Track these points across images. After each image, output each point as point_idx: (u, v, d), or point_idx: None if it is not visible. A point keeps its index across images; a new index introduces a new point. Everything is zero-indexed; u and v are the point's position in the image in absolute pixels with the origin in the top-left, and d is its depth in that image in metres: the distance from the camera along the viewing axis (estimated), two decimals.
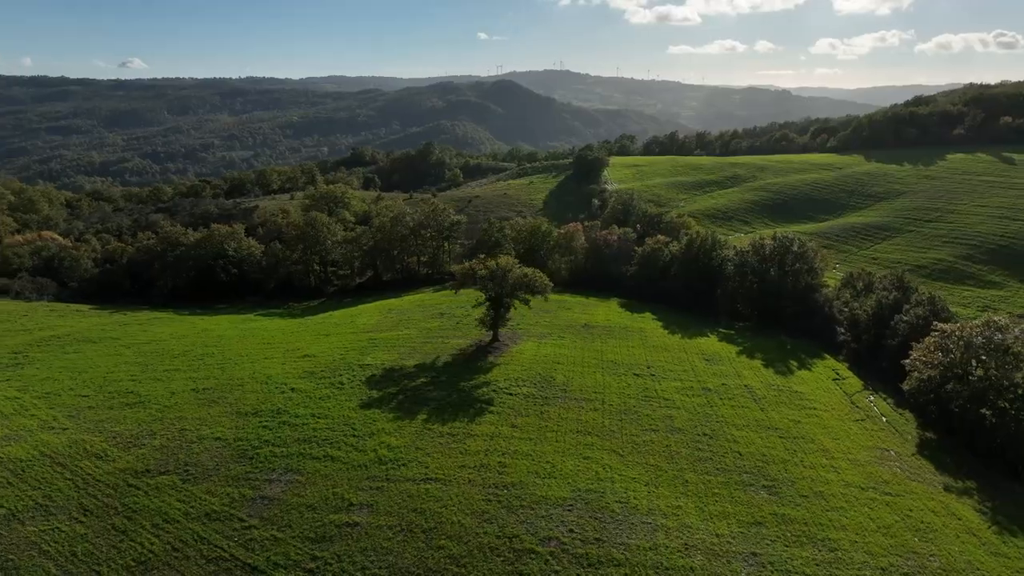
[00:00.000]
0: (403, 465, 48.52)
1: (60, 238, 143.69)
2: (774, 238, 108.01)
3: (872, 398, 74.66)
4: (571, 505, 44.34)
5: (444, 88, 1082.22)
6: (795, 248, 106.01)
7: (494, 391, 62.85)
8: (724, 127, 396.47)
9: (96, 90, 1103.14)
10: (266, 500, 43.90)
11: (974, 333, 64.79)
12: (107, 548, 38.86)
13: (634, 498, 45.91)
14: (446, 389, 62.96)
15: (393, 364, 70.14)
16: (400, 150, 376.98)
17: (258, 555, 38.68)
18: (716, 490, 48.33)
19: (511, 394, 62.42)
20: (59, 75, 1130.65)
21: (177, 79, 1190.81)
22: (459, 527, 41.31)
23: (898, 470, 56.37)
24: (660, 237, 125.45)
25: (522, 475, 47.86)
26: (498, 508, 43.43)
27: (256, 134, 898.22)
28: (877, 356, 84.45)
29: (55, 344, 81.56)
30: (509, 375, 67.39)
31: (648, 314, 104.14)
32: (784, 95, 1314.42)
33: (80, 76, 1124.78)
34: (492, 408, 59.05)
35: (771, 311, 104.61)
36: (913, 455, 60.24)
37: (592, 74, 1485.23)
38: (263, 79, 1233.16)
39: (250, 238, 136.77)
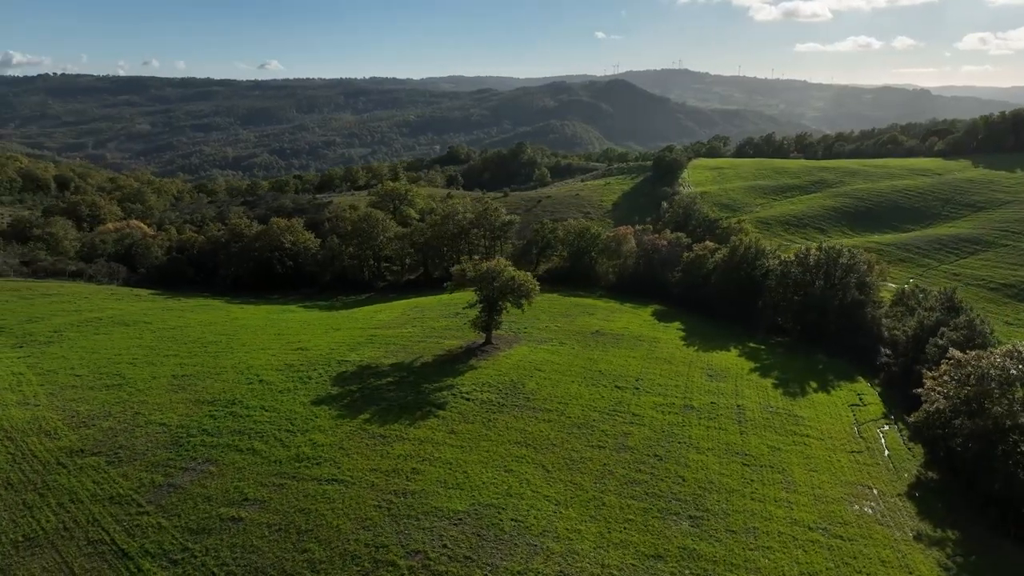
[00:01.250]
0: (317, 464, 48.74)
1: (145, 227, 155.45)
2: (820, 248, 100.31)
3: (886, 428, 67.79)
4: (461, 519, 42.92)
5: (556, 88, 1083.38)
6: (843, 260, 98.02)
7: (453, 395, 62.02)
8: (851, 129, 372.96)
9: (236, 90, 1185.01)
10: (171, 488, 45.34)
11: (990, 364, 57.27)
12: (7, 522, 41.41)
13: (533, 517, 43.84)
14: (407, 390, 62.74)
15: (372, 362, 70.72)
16: (494, 149, 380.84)
17: (136, 541, 39.98)
18: (631, 516, 45.33)
19: (468, 399, 61.37)
20: (205, 77, 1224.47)
21: (308, 79, 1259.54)
22: (334, 531, 40.95)
23: (869, 511, 50.80)
24: (708, 243, 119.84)
25: (429, 483, 46.86)
26: (384, 516, 42.71)
27: (374, 132, 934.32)
28: (909, 382, 76.58)
29: (92, 325, 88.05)
30: (479, 379, 66.32)
31: (677, 323, 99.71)
32: (922, 95, 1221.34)
33: (223, 77, 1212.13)
34: (440, 412, 58.28)
35: (813, 327, 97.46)
36: (899, 495, 54.08)
37: (712, 73, 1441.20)
38: (385, 79, 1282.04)
39: (310, 232, 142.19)
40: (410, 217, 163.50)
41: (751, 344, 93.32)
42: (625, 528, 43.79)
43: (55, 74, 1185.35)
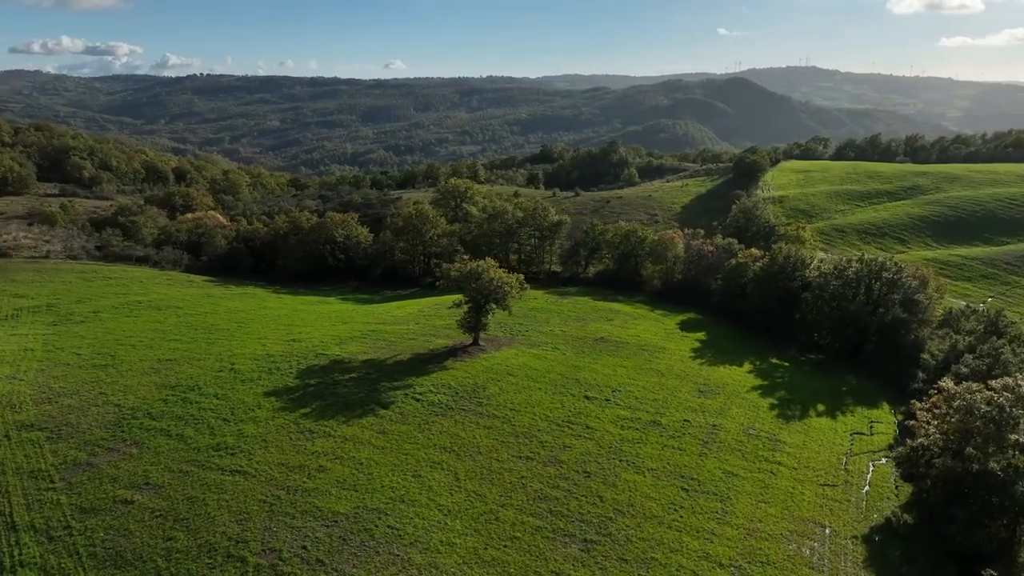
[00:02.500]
0: (231, 454, 49.81)
1: (220, 217, 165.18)
2: (861, 260, 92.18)
3: (883, 462, 61.29)
4: (337, 521, 42.55)
5: (671, 86, 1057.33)
6: (887, 274, 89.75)
7: (405, 395, 61.71)
8: (991, 130, 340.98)
9: (359, 89, 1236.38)
10: (88, 467, 47.71)
11: (983, 398, 50.40)
12: None
13: (412, 526, 42.79)
14: (362, 387, 63.01)
15: (349, 356, 71.57)
16: (586, 148, 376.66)
17: (29, 515, 42.31)
18: (519, 534, 43.31)
19: (418, 400, 60.87)
20: (332, 76, 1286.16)
21: (426, 78, 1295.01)
22: (208, 522, 41.68)
23: (806, 552, 46.10)
24: (752, 251, 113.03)
25: (327, 482, 46.80)
26: (262, 511, 43.03)
27: (486, 130, 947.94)
28: None
29: (128, 308, 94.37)
30: (442, 380, 65.62)
31: (702, 334, 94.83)
32: None
33: (348, 77, 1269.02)
34: (381, 411, 58.13)
35: (850, 345, 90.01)
36: (853, 538, 48.73)
37: (842, 70, 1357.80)
38: (500, 78, 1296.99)
39: (364, 227, 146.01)
40: (471, 215, 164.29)
41: (773, 360, 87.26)
42: (505, 546, 41.91)
43: (202, 75, 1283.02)
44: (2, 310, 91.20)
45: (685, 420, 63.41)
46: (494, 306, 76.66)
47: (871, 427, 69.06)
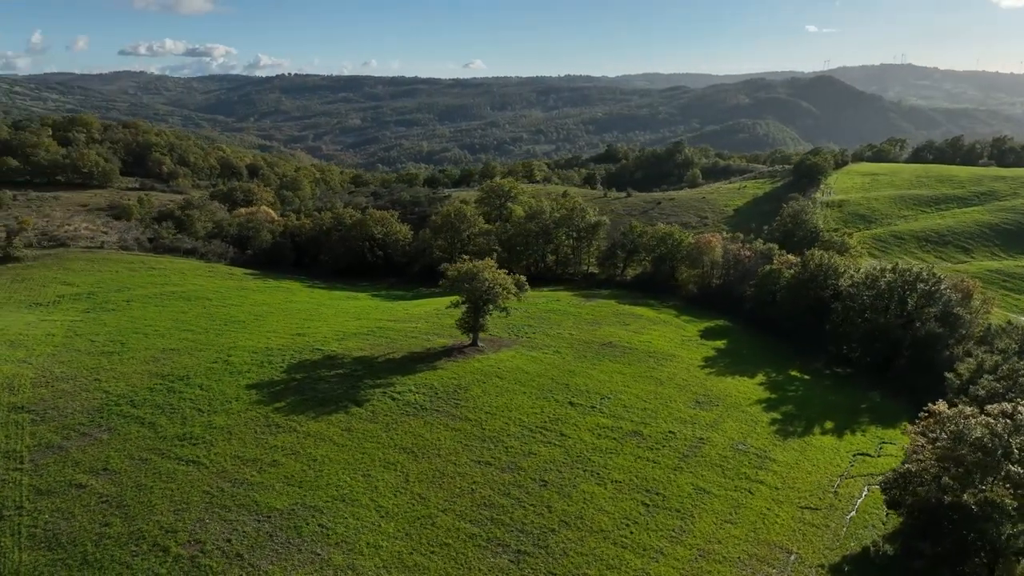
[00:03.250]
0: (193, 444, 51.07)
1: (272, 212, 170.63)
2: (894, 269, 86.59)
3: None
4: (270, 517, 42.95)
5: (753, 85, 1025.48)
6: (923, 285, 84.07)
7: (383, 393, 61.86)
8: None
9: (438, 88, 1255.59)
10: (59, 450, 49.88)
11: (977, 423, 46.23)
12: None
13: (343, 526, 42.72)
14: (344, 384, 63.50)
15: (343, 352, 72.33)
16: (651, 148, 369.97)
17: None
18: (450, 541, 42.58)
19: (394, 399, 60.90)
20: (413, 75, 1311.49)
21: (505, 77, 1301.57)
22: (147, 510, 42.82)
23: None
24: (788, 257, 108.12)
25: (274, 477, 47.34)
26: (201, 502, 43.88)
27: (560, 129, 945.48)
28: None
29: (160, 298, 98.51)
30: (426, 380, 65.46)
31: (723, 342, 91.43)
32: None
33: (427, 76, 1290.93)
34: (353, 409, 58.43)
35: (880, 359, 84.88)
36: (820, 566, 45.68)
37: (941, 68, 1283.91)
38: (578, 77, 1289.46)
39: (405, 224, 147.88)
40: (514, 214, 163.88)
41: (793, 372, 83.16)
42: (431, 552, 41.30)
43: (289, 74, 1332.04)
44: (47, 296, 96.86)
45: (670, 432, 61.07)
46: (492, 307, 75.90)
47: (880, 448, 64.76)
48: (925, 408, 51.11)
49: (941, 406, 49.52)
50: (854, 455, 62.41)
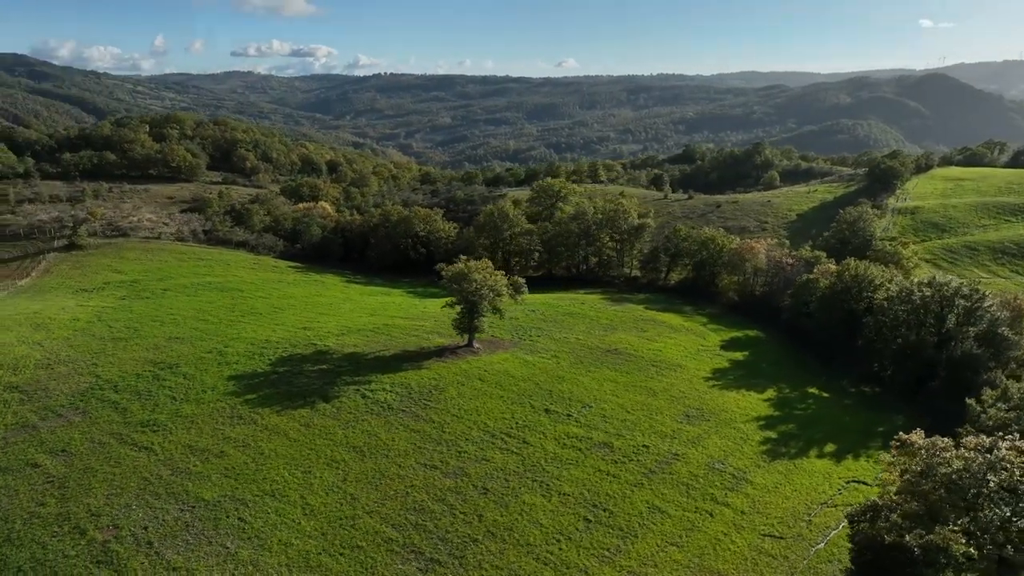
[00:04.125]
0: (154, 431, 52.84)
1: (328, 208, 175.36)
2: (931, 283, 79.85)
3: None
4: (194, 507, 43.84)
5: (856, 83, 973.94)
6: (963, 302, 77.26)
7: (356, 390, 62.21)
8: None
9: (528, 87, 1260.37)
10: (32, 429, 52.69)
11: (953, 456, 41.78)
12: None
13: (262, 521, 43.10)
14: (322, 380, 64.21)
15: (333, 348, 73.18)
16: (729, 149, 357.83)
17: None
18: (363, 544, 42.17)
19: (364, 397, 61.08)
20: (504, 75, 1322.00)
21: (596, 76, 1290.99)
22: (83, 492, 44.56)
23: None
24: (829, 266, 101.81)
25: (214, 468, 48.34)
26: (135, 488, 45.31)
27: (649, 128, 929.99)
28: None
29: (195, 288, 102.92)
30: (403, 380, 65.37)
31: (743, 354, 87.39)
32: None
33: (519, 75, 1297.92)
34: (320, 405, 59.00)
35: (910, 379, 78.71)
36: None
37: None
38: (671, 75, 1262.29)
39: (451, 223, 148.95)
40: (563, 214, 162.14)
41: (810, 389, 78.31)
42: (340, 554, 41.05)
43: (385, 74, 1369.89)
44: (95, 282, 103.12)
45: (644, 445, 58.55)
46: (485, 308, 75.09)
47: (880, 477, 59.78)
48: (897, 437, 46.70)
49: (916, 435, 45.07)
50: (847, 482, 57.97)
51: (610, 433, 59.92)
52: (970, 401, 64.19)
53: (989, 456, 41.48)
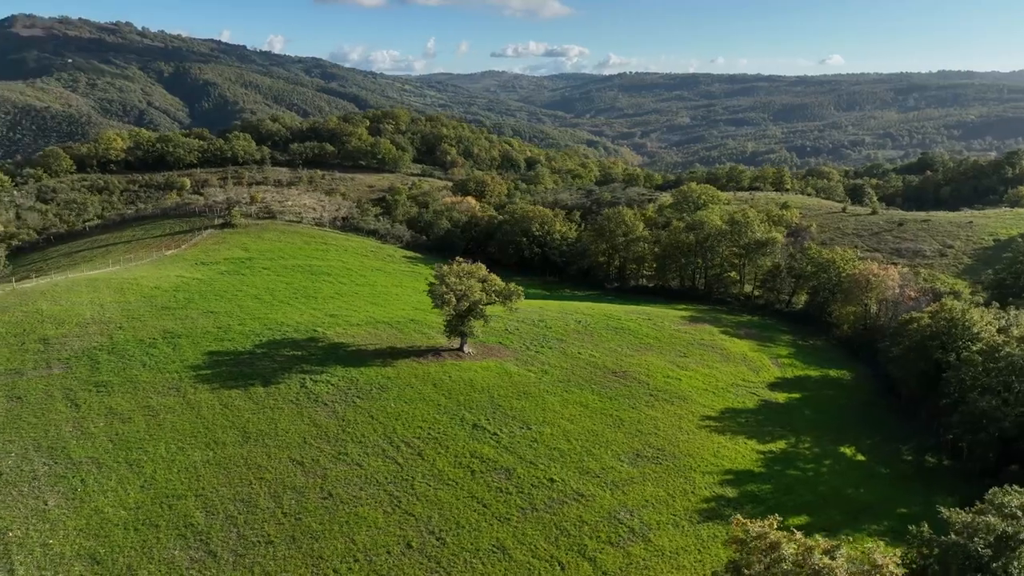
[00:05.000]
0: (97, 391, 58.88)
1: (474, 203, 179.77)
2: None
3: None
4: (56, 463, 48.49)
5: None
6: None
7: (304, 378, 63.95)
8: None
9: (779, 86, 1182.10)
10: (16, 375, 61.38)
11: (779, 555, 32.75)
12: None
13: (93, 487, 46.55)
14: (282, 365, 66.76)
15: (322, 336, 75.31)
16: (975, 158, 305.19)
17: None
18: (161, 523, 43.64)
19: (305, 386, 62.58)
20: (755, 72, 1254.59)
21: (858, 74, 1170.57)
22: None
23: None
24: (945, 302, 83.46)
25: (109, 432, 52.91)
26: (33, 435, 51.19)
27: (915, 133, 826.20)
28: None
29: (291, 269, 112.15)
30: (356, 375, 65.85)
31: (785, 396, 76.41)
32: None
33: (771, 73, 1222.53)
34: (253, 388, 61.56)
35: (985, 455, 62.74)
36: None
37: None
38: (954, 72, 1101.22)
39: (570, 224, 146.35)
40: (701, 221, 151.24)
41: (843, 448, 66.28)
42: (134, 529, 42.98)
43: (630, 73, 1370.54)
44: (217, 257, 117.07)
45: (550, 479, 53.40)
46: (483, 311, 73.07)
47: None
48: (735, 518, 37.52)
49: (753, 525, 35.83)
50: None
51: (523, 460, 55.39)
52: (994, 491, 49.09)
53: (826, 560, 32.15)
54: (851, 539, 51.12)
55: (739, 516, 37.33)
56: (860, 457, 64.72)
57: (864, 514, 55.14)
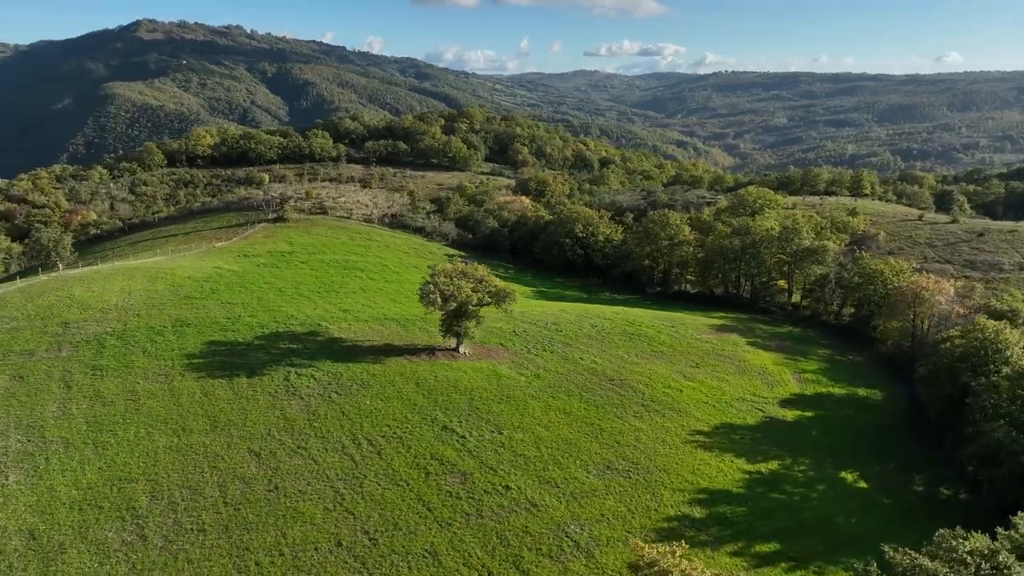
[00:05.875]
0: (93, 374, 61.84)
1: (527, 202, 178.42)
2: None
3: None
4: (30, 440, 51.20)
5: None
6: None
7: (289, 371, 65.17)
8: None
9: (886, 85, 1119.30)
10: (28, 355, 65.42)
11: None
12: None
13: (55, 466, 48.81)
14: (273, 357, 68.03)
15: (323, 331, 76.45)
16: None
17: None
18: (105, 504, 45.25)
19: (288, 379, 63.73)
20: (860, 71, 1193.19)
21: (979, 72, 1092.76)
22: None
23: None
24: (986, 322, 76.37)
25: (88, 413, 55.45)
26: (15, 414, 54.30)
27: None
28: None
29: (326, 263, 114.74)
30: (342, 371, 66.49)
31: (795, 414, 71.99)
32: None
33: (877, 72, 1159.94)
34: (237, 379, 63.12)
35: (1003, 491, 57.09)
36: None
37: None
38: None
39: (616, 226, 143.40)
40: (756, 227, 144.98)
41: (844, 474, 61.46)
42: (79, 509, 44.83)
43: (725, 72, 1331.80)
44: (260, 250, 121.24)
45: (506, 486, 52.24)
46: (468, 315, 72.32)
47: None
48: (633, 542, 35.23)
49: (652, 550, 33.50)
50: None
51: (483, 464, 54.39)
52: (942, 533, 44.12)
53: None
54: (820, 572, 47.79)
55: (638, 540, 35.12)
56: (862, 484, 59.95)
57: (847, 546, 50.98)
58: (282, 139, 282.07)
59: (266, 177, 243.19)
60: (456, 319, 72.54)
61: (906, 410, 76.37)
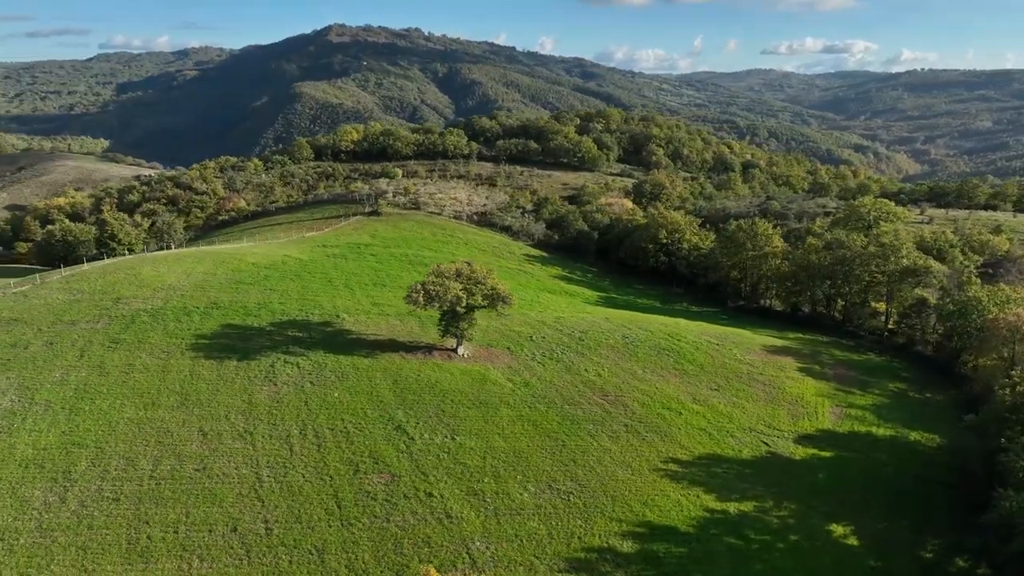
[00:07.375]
0: (109, 347, 67.53)
1: (628, 204, 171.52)
2: None
3: None
4: (19, 400, 56.94)
5: None
6: None
7: (276, 358, 67.54)
8: None
9: None
10: (71, 325, 72.84)
11: None
12: None
13: (26, 427, 53.85)
14: (271, 343, 70.59)
15: (338, 321, 78.25)
16: None
17: None
18: (36, 474, 49.36)
19: (275, 366, 66.04)
20: None
21: None
22: None
23: None
24: None
25: (80, 381, 60.66)
26: (17, 377, 60.59)
27: None
28: None
29: (396, 257, 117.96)
30: (327, 362, 67.84)
31: (817, 451, 64.21)
32: None
33: None
34: (228, 361, 66.29)
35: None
36: None
37: None
38: None
39: (705, 233, 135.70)
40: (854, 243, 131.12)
41: (837, 527, 53.47)
42: (13, 487, 48.86)
43: (921, 70, 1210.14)
44: (341, 241, 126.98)
45: (430, 493, 51.17)
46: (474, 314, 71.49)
47: None
48: None
49: None
50: None
51: (417, 468, 53.64)
52: None
53: None
54: None
55: (432, 568, 32.69)
56: (851, 541, 52.12)
57: None
58: (417, 136, 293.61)
59: (399, 172, 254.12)
60: (452, 320, 71.72)
61: (961, 465, 65.37)
